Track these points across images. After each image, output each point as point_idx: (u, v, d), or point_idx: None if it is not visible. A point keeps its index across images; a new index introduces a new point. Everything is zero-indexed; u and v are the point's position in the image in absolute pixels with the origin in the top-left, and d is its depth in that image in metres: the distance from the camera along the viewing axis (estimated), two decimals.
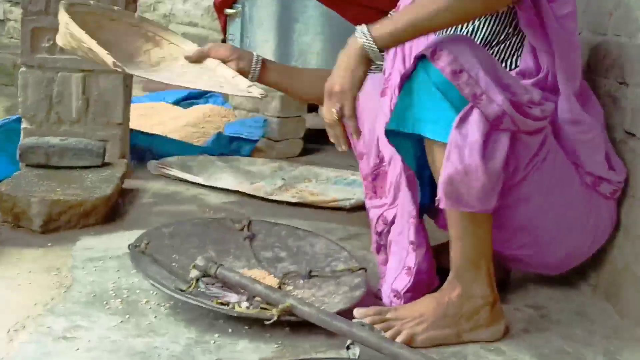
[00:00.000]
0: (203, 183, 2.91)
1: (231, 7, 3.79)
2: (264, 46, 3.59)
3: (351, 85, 1.66)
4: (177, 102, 4.40)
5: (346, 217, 2.66)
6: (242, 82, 1.97)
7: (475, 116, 1.61)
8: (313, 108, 4.07)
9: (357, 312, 1.69)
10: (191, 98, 4.53)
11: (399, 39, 1.69)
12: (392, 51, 1.95)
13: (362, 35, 1.63)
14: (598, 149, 1.87)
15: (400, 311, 1.72)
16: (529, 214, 1.79)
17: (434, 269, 1.86)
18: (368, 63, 1.66)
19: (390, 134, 1.76)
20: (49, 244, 2.18)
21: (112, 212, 2.46)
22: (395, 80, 1.89)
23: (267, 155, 3.51)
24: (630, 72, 1.96)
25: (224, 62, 2.02)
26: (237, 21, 3.74)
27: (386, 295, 1.84)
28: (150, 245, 1.88)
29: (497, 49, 1.86)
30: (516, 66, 1.84)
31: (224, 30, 4.00)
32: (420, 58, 1.67)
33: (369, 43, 1.63)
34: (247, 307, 1.71)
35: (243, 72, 2.03)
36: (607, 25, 2.12)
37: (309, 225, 2.39)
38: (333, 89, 1.67)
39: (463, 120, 1.62)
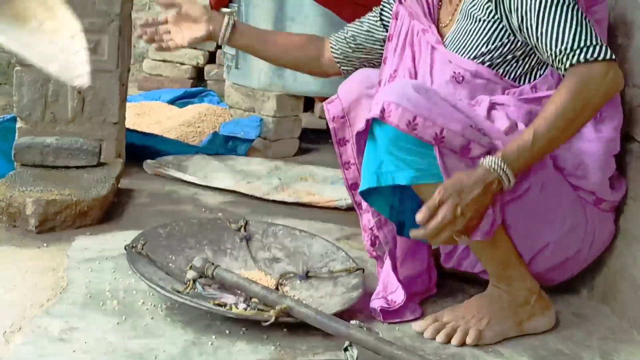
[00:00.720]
0: (199, 183, 2.90)
1: (227, 7, 3.77)
2: None
3: (473, 213, 1.57)
4: (172, 101, 4.39)
5: (342, 216, 2.65)
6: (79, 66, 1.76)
7: (451, 154, 1.64)
8: (309, 107, 4.06)
9: (416, 326, 1.75)
10: (187, 97, 4.53)
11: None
12: (399, 46, 1.96)
13: (497, 168, 1.57)
14: (604, 169, 1.85)
15: (456, 312, 1.76)
16: (527, 229, 1.79)
17: (429, 279, 1.93)
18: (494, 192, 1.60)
19: (364, 194, 1.75)
20: (45, 244, 2.17)
21: (108, 212, 2.45)
22: (402, 76, 1.91)
23: (263, 154, 3.50)
24: (630, 74, 1.96)
25: (195, 21, 2.07)
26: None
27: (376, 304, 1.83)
28: (146, 246, 1.87)
29: (515, 64, 1.85)
30: (534, 79, 1.85)
31: None
32: (372, 120, 1.66)
33: (504, 175, 1.57)
34: (245, 309, 1.71)
35: (214, 34, 2.07)
36: None
37: (305, 225, 2.39)
38: (452, 209, 1.54)
39: (445, 161, 1.63)
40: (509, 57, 1.82)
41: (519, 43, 1.80)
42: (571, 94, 1.60)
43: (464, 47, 1.85)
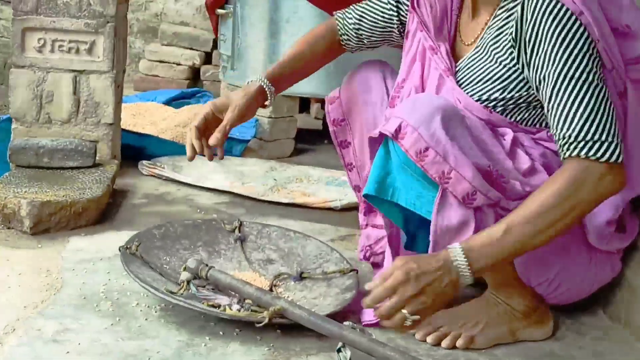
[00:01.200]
0: (194, 183, 2.90)
1: (223, 7, 3.77)
2: (256, 46, 3.57)
3: (434, 304, 1.49)
4: (168, 102, 4.39)
5: (337, 217, 2.65)
6: None
7: (451, 198, 1.57)
8: (304, 108, 4.06)
9: (418, 335, 1.71)
10: (183, 98, 4.52)
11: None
12: (410, 54, 1.89)
13: (457, 262, 1.47)
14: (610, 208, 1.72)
15: (451, 315, 1.73)
16: (529, 266, 1.73)
17: None
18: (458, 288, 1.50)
19: (370, 197, 1.71)
20: (39, 245, 2.17)
21: (103, 213, 2.45)
22: (408, 91, 1.85)
23: (259, 155, 3.49)
24: None
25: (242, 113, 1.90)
26: (228, 21, 3.72)
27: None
28: (140, 247, 1.87)
29: (532, 111, 1.74)
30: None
31: (216, 30, 3.99)
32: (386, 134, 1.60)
33: (463, 271, 1.48)
34: (238, 310, 1.71)
35: (263, 103, 1.97)
36: None
37: (300, 226, 2.39)
38: (410, 291, 1.45)
39: (442, 203, 1.58)
40: (523, 105, 1.71)
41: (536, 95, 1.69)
42: (560, 193, 1.48)
43: (476, 86, 1.75)
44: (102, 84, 2.81)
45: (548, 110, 1.58)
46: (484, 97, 1.73)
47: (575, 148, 1.51)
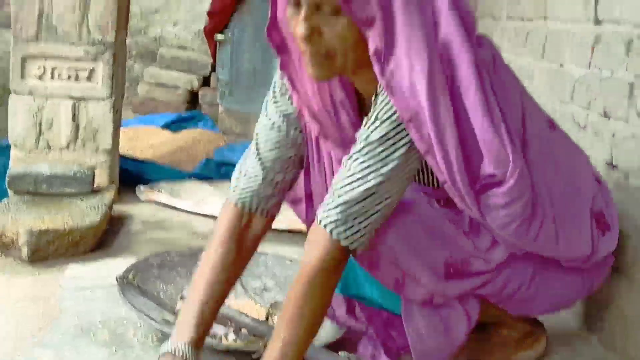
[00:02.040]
0: (191, 210, 2.90)
1: (221, 33, 3.80)
2: (253, 72, 3.60)
3: None
4: (166, 126, 4.41)
5: None
6: None
7: (414, 305, 1.56)
8: None
9: None
10: (180, 121, 4.54)
11: None
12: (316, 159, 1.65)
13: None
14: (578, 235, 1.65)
15: None
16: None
17: None
18: None
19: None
20: (37, 273, 2.17)
21: (100, 240, 2.45)
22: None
23: None
24: (613, 105, 1.98)
25: None
26: (226, 47, 3.76)
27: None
28: (138, 276, 1.88)
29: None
30: None
31: (214, 55, 4.02)
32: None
33: None
34: (234, 340, 1.71)
35: None
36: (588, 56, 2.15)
37: (297, 252, 2.39)
38: None
39: (407, 308, 1.57)
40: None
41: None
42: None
43: None
44: (101, 110, 2.82)
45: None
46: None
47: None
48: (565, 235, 1.59)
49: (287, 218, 2.83)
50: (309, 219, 1.69)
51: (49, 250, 2.26)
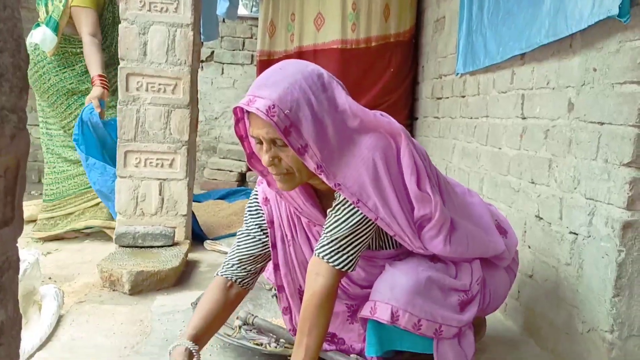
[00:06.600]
0: None
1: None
2: None
3: None
4: (222, 197, 4.43)
5: None
6: None
7: (445, 342, 1.47)
8: None
9: None
10: (233, 194, 4.57)
11: None
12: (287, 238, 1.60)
13: None
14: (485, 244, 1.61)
15: None
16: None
17: None
18: None
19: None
20: (135, 303, 2.17)
21: (179, 278, 2.45)
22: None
23: None
24: (537, 175, 1.98)
25: None
26: None
27: None
28: None
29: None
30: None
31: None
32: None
33: None
34: (275, 347, 1.70)
35: None
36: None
37: None
38: None
39: (440, 346, 1.47)
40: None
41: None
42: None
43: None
44: (179, 187, 2.85)
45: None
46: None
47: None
48: (487, 238, 1.59)
49: None
50: (293, 327, 1.67)
51: (143, 286, 2.27)
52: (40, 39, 2.92)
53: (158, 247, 2.65)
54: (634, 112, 1.45)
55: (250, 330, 1.78)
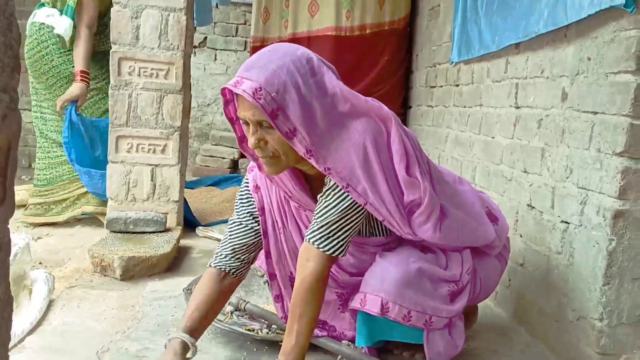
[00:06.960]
0: None
1: None
2: None
3: None
4: (214, 184, 4.42)
5: None
6: None
7: (436, 333, 1.50)
8: None
9: None
10: (225, 181, 4.56)
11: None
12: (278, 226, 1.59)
13: None
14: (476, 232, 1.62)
15: None
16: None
17: None
18: None
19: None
20: (127, 288, 2.17)
21: (171, 263, 2.45)
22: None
23: None
24: (530, 164, 1.99)
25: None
26: None
27: None
28: None
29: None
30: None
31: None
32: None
33: None
34: (267, 332, 1.70)
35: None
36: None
37: None
38: None
39: (430, 336, 1.49)
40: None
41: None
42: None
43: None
44: (171, 173, 2.84)
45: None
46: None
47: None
48: (478, 226, 1.59)
49: None
50: (284, 314, 1.66)
51: (134, 271, 2.26)
52: (64, 29, 2.90)
53: (150, 232, 2.64)
54: (627, 101, 1.46)
55: (242, 316, 1.78)
